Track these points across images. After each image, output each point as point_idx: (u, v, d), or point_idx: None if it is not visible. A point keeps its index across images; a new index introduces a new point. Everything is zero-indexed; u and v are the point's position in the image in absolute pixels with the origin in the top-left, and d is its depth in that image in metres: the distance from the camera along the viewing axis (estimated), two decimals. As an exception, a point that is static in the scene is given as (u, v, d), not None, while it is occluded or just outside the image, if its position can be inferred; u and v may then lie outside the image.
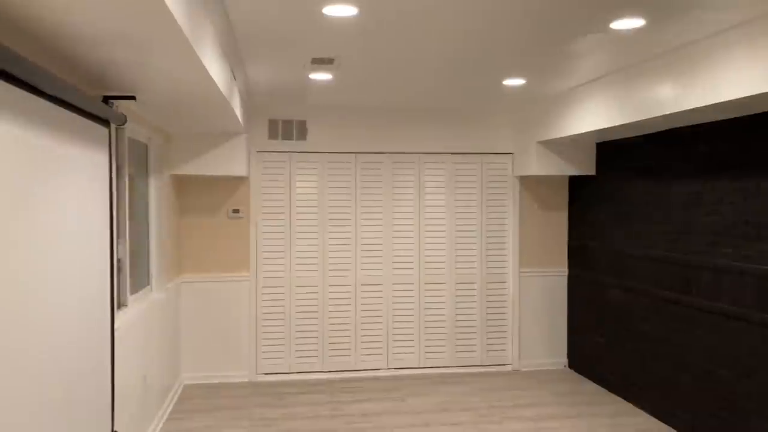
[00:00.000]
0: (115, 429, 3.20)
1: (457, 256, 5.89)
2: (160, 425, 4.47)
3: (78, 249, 2.59)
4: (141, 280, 4.44)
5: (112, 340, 3.09)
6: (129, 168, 4.13)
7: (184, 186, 5.51)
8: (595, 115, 4.43)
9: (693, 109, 3.45)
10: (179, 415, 4.73)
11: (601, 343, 5.47)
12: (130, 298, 4.01)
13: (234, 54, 3.59)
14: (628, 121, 4.03)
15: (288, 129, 5.59)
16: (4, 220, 1.88)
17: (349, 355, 5.76)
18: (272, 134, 5.58)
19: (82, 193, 2.67)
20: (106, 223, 3.03)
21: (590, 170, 5.58)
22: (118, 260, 3.88)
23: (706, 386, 4.13)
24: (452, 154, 5.87)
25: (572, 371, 5.94)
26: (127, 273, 3.94)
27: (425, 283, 5.86)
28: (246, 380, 5.60)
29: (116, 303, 3.58)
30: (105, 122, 3.02)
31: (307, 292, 5.69)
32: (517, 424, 4.54)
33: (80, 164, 2.64)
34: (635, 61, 3.86)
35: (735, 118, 3.90)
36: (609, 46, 3.47)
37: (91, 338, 2.77)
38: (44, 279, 2.22)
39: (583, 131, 4.61)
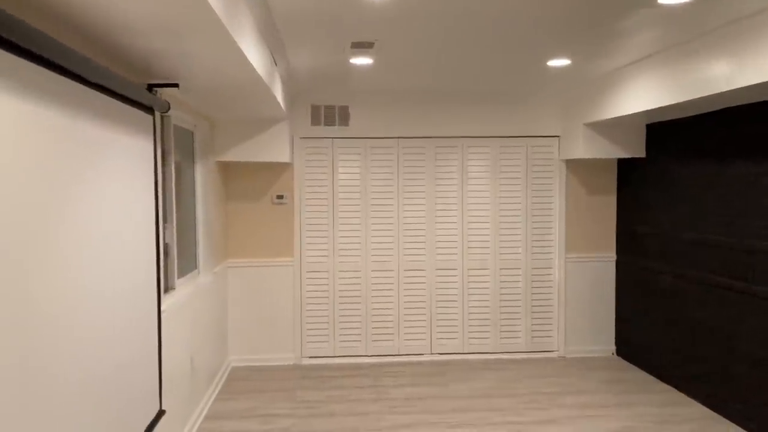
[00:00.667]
0: (162, 408, 3.30)
1: (501, 241, 5.82)
2: (208, 405, 4.60)
3: (125, 233, 2.67)
4: (189, 264, 4.56)
5: (158, 322, 3.17)
6: (176, 155, 4.23)
7: (229, 172, 5.61)
8: (644, 95, 4.28)
9: (749, 86, 3.29)
10: (226, 395, 4.85)
11: (650, 331, 5.33)
12: (178, 282, 4.11)
13: (274, 39, 3.60)
14: (679, 101, 3.87)
15: (330, 115, 5.61)
16: (55, 207, 1.95)
17: (392, 340, 5.78)
18: (315, 120, 5.60)
19: (129, 179, 2.74)
20: (152, 208, 3.10)
21: (640, 152, 5.40)
22: (166, 245, 3.98)
23: (762, 376, 3.97)
24: (496, 137, 5.78)
25: (620, 359, 5.81)
26: (174, 257, 4.04)
27: (469, 269, 5.81)
28: (291, 363, 5.70)
29: (163, 286, 3.68)
30: (149, 109, 3.08)
31: (350, 277, 5.72)
32: (561, 412, 4.48)
33: (126, 151, 2.70)
34: (686, 38, 3.70)
35: (795, 96, 3.70)
36: (658, 23, 3.33)
37: (139, 320, 2.85)
38: (94, 262, 2.29)
39: (632, 112, 4.46)
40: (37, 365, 1.84)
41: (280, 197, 5.62)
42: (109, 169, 2.49)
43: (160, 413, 3.20)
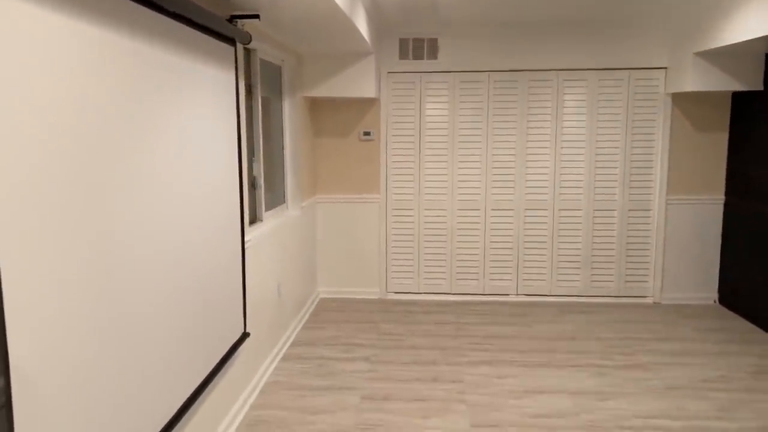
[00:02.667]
0: (247, 331, 3.49)
1: (596, 181, 5.54)
2: (296, 332, 4.81)
3: (207, 163, 2.76)
4: (277, 198, 4.70)
5: (242, 251, 3.31)
6: (263, 90, 4.30)
7: (317, 108, 5.66)
8: (764, 18, 3.81)
9: None
10: (313, 324, 5.05)
11: (758, 279, 4.94)
12: (266, 214, 4.26)
13: (355, -32, 3.51)
14: (804, 23, 3.43)
15: (419, 48, 5.47)
16: (141, 134, 2.04)
17: (477, 279, 5.74)
18: (403, 54, 5.49)
19: (211, 110, 2.82)
20: (235, 140, 3.19)
21: (758, 85, 4.88)
22: (254, 178, 4.12)
23: None
24: (595, 70, 5.42)
25: (722, 307, 5.46)
26: (262, 190, 4.18)
27: (560, 209, 5.60)
28: (376, 297, 5.82)
29: (249, 218, 3.82)
30: (231, 41, 3.13)
31: (436, 216, 5.70)
32: (650, 357, 4.30)
33: (208, 82, 2.77)
34: (819, -52, 3.22)
35: None
36: (783, -70, 2.92)
37: (223, 249, 2.99)
38: (179, 189, 2.40)
39: (750, 38, 4.00)
40: (124, 283, 1.97)
41: (367, 134, 5.62)
42: (191, 100, 2.57)
43: (244, 335, 3.39)
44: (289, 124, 4.87)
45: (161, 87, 2.29)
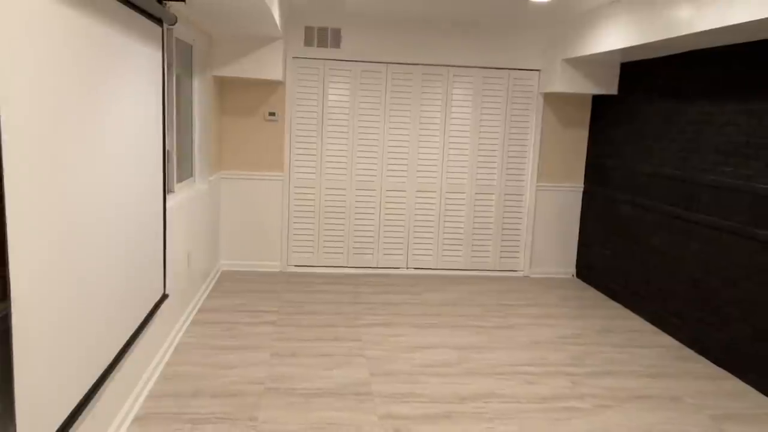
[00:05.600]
0: (166, 292, 3.73)
1: (478, 167, 6.22)
2: (202, 300, 5.06)
3: (139, 133, 3.00)
4: (186, 172, 4.90)
5: (164, 216, 3.55)
6: (176, 67, 4.49)
7: (225, 87, 5.87)
8: (618, 34, 4.59)
9: (705, 31, 3.62)
10: (217, 294, 5.31)
11: (608, 255, 5.84)
12: (177, 186, 4.47)
13: (275, -39, 3.82)
14: (647, 41, 4.20)
15: (323, 36, 5.84)
16: (88, 100, 2.27)
17: (371, 254, 6.25)
18: (308, 41, 5.83)
19: (141, 85, 3.05)
20: (159, 115, 3.42)
21: (612, 90, 5.75)
22: (167, 151, 4.32)
23: (696, 295, 4.50)
24: (480, 68, 6.07)
25: (579, 280, 6.36)
26: (174, 163, 4.38)
27: (446, 192, 6.23)
28: (277, 270, 6.16)
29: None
30: (159, 21, 3.35)
31: (335, 194, 6.12)
32: (520, 319, 5.02)
33: (138, 58, 3.00)
34: (659, -18, 3.98)
35: (746, 43, 4.04)
36: (631, -34, 3.61)
37: (150, 212, 3.23)
38: (113, 154, 2.64)
39: (606, 50, 4.78)
40: (79, 238, 2.22)
41: (272, 114, 5.92)
42: (126, 74, 2.80)
43: (164, 297, 3.64)
44: (198, 101, 5.07)
45: (104, 60, 2.53)
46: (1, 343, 1.68)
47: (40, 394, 1.93)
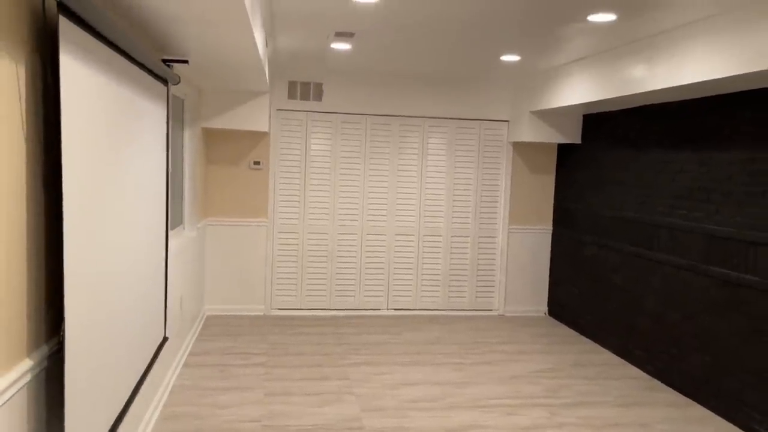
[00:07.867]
0: (167, 335, 3.90)
1: (454, 212, 6.56)
2: (192, 343, 5.20)
3: (148, 183, 3.24)
4: (177, 219, 5.11)
5: (166, 261, 3.76)
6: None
7: (212, 138, 6.13)
8: (581, 89, 5.04)
9: (658, 89, 4.06)
10: (205, 337, 5.46)
11: (576, 293, 6.19)
12: (170, 233, 4.68)
13: (269, 26, 4.16)
14: (606, 97, 4.64)
15: (306, 90, 6.18)
16: (116, 155, 2.52)
17: (353, 296, 6.48)
18: (291, 94, 6.17)
19: (151, 140, 3.30)
20: (164, 165, 3.66)
21: (576, 139, 6.20)
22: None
23: (658, 327, 4.85)
24: (454, 119, 6.48)
25: (551, 318, 6.68)
26: (168, 211, 4.60)
27: (424, 235, 6.54)
28: (261, 314, 6.33)
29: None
30: (164, 81, 3.62)
31: (318, 239, 6.37)
32: (496, 356, 5.28)
33: (151, 116, 3.26)
34: (612, 46, 4.45)
35: (695, 99, 4.51)
36: (589, 33, 4.06)
37: (155, 257, 3.44)
38: (133, 203, 2.86)
39: (570, 104, 5.22)
40: (109, 276, 2.43)
41: (257, 163, 6.19)
42: (143, 132, 3.05)
43: (165, 340, 3.81)
44: (189, 152, 5.32)
45: (129, 119, 2.78)
46: (57, 375, 1.87)
47: (79, 428, 2.11)
